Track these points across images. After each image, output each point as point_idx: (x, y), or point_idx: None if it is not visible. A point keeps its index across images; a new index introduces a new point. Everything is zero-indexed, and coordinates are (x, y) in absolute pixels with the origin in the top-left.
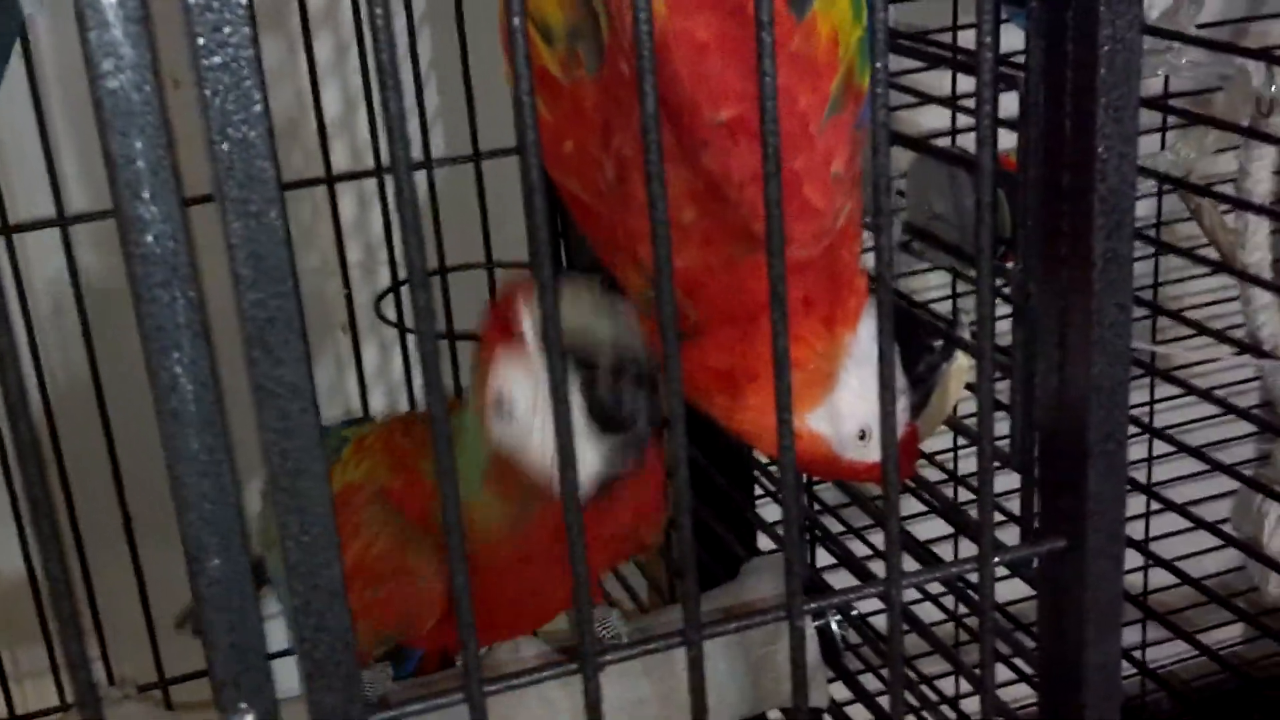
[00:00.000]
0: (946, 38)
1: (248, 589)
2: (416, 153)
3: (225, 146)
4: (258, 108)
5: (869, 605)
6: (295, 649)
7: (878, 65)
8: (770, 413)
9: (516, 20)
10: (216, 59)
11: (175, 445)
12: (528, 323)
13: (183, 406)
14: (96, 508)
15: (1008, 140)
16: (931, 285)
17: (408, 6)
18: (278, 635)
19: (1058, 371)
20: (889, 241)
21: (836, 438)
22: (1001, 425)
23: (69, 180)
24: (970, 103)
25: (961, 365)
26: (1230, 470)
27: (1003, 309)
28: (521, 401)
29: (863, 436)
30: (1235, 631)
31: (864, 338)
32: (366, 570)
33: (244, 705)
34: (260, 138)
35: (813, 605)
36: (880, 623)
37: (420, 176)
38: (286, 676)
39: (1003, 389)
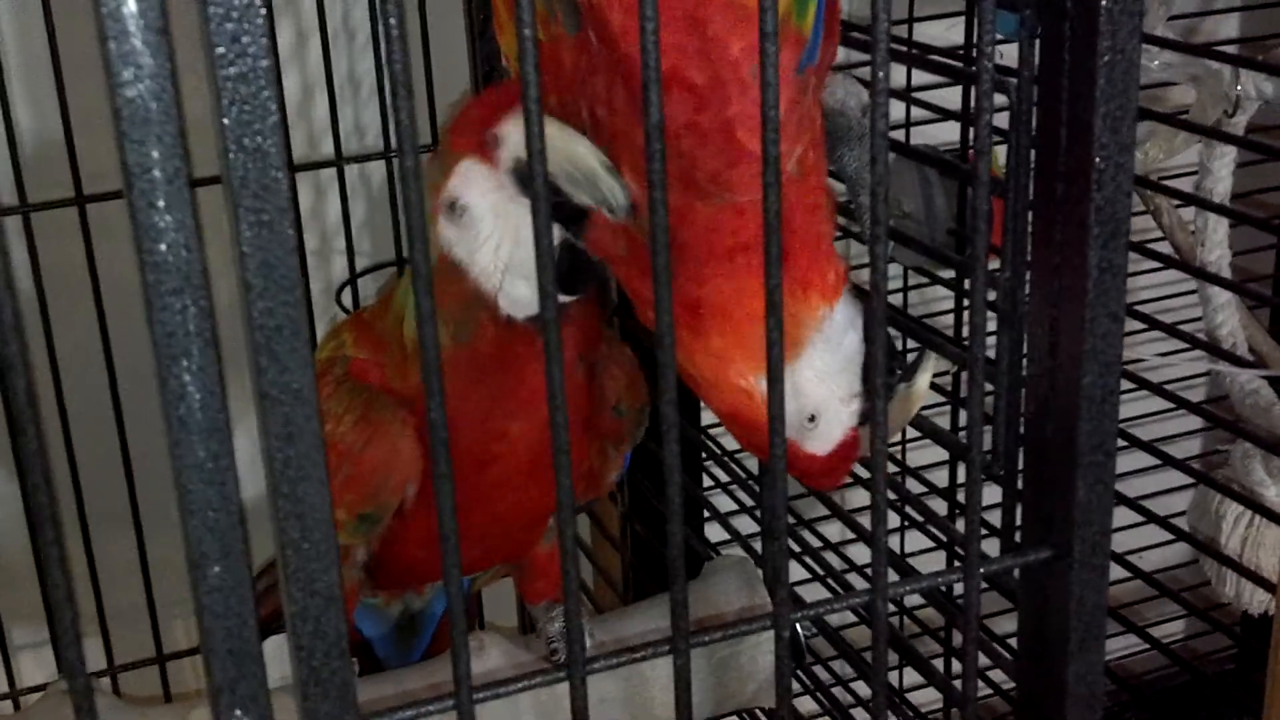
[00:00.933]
0: (902, 30)
1: (247, 596)
2: (376, 142)
3: (240, 156)
4: (273, 118)
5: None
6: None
7: (879, 75)
8: (731, 362)
9: (528, 31)
10: (234, 69)
11: (181, 453)
12: (509, 139)
13: (190, 415)
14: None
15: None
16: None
17: None
18: None
19: (1048, 381)
20: (884, 251)
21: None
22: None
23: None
24: (923, 95)
25: (919, 390)
26: (1190, 469)
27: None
28: (477, 210)
29: (811, 420)
30: (1184, 625)
31: (839, 320)
32: (338, 449)
33: (239, 712)
34: (275, 147)
35: (799, 614)
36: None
37: (379, 166)
38: None
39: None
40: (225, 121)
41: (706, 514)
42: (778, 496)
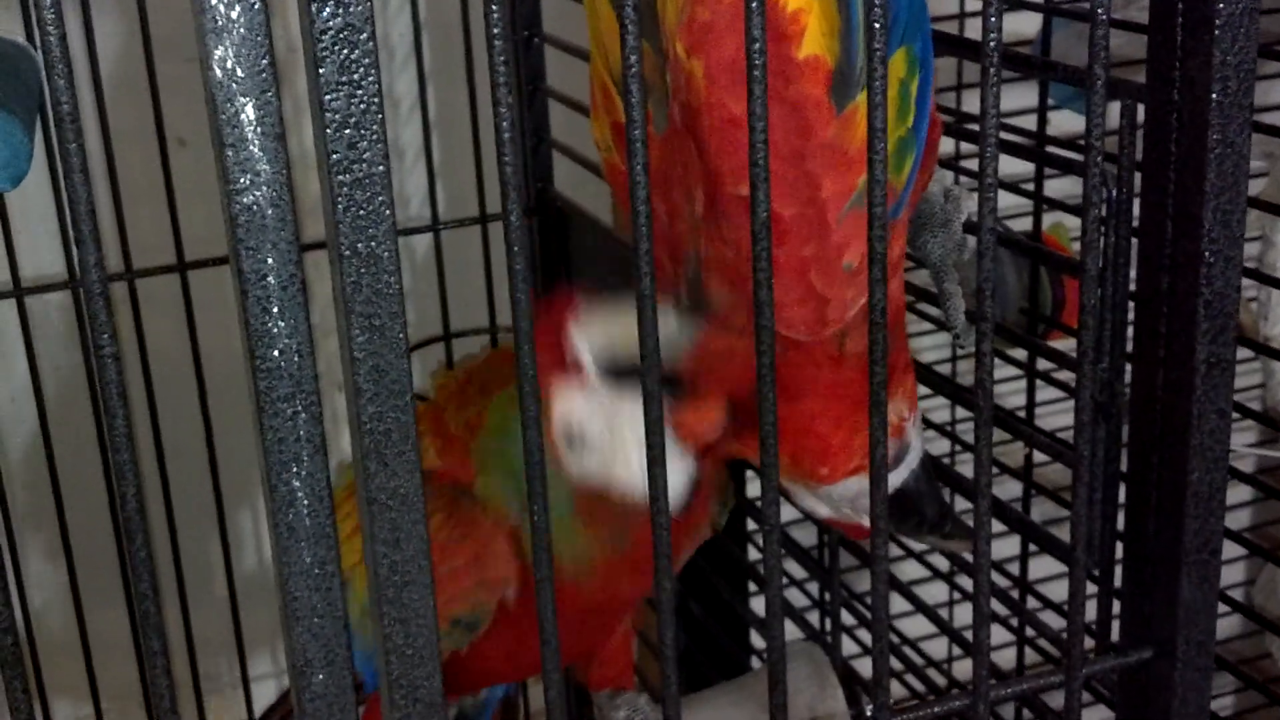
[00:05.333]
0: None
1: (349, 703)
2: (421, 211)
3: (354, 261)
4: (387, 224)
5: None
6: None
7: (989, 176)
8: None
9: (638, 133)
10: (350, 175)
11: (288, 559)
12: (584, 350)
13: (298, 520)
14: (96, 563)
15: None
16: (926, 346)
17: (419, 64)
18: None
19: (1151, 477)
20: (989, 349)
21: None
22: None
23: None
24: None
25: None
26: (1259, 549)
27: (1051, 392)
28: (593, 429)
29: None
30: (1234, 700)
31: (836, 494)
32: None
33: None
34: (388, 252)
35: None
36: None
37: (425, 239)
38: None
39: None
40: (340, 227)
41: (754, 587)
42: (880, 600)
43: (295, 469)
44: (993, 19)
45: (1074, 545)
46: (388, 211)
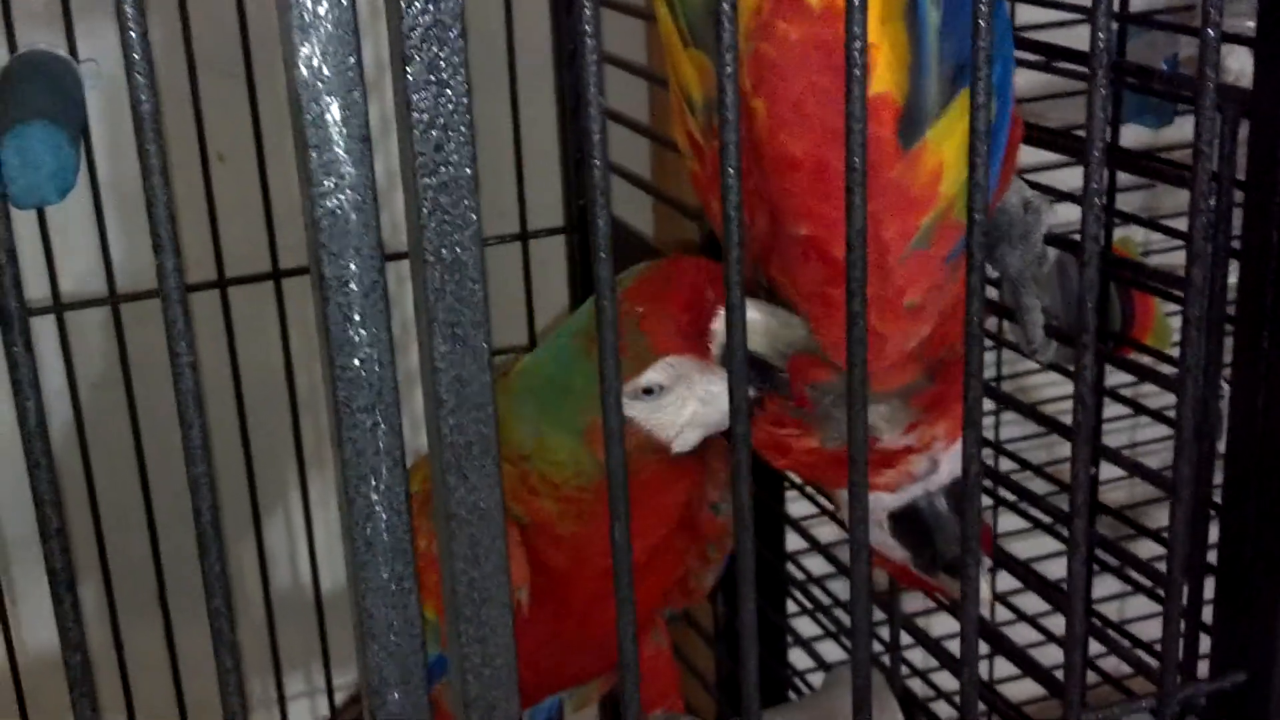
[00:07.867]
0: None
1: None
2: None
3: (438, 268)
4: (473, 229)
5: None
6: None
7: (1093, 185)
8: None
9: (733, 189)
10: (436, 178)
11: (365, 575)
12: (719, 333)
13: (376, 535)
14: (131, 580)
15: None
16: None
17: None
18: None
19: (1250, 500)
20: (1091, 363)
21: None
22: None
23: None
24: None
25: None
26: None
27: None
28: (672, 389)
29: None
30: None
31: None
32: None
33: None
34: (473, 258)
35: None
36: None
37: None
38: None
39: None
40: (425, 231)
41: (793, 607)
42: (970, 624)
43: (374, 482)
44: (1100, 32)
45: (1171, 574)
46: (474, 216)
